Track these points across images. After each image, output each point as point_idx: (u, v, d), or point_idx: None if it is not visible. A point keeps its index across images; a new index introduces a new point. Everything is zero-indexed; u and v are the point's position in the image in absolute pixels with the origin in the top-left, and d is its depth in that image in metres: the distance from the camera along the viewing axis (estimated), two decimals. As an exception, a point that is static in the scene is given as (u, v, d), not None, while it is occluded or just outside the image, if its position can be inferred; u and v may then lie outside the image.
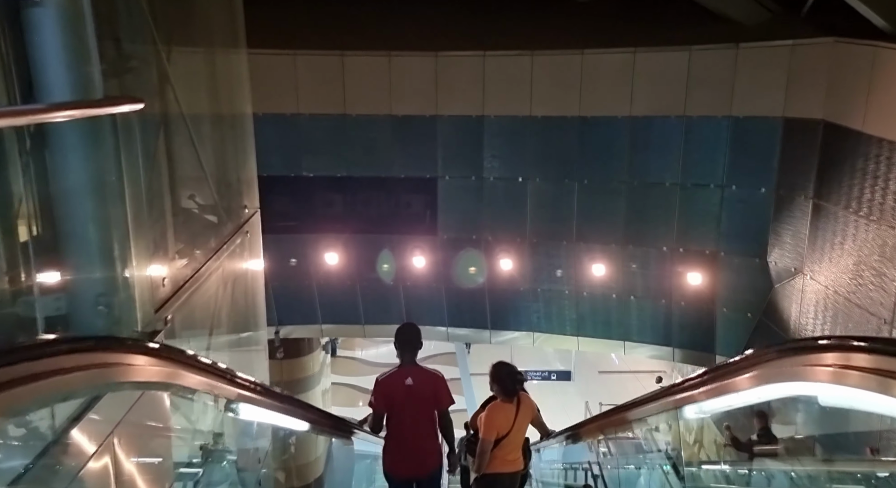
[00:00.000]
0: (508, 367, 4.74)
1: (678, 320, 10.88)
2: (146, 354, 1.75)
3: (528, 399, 4.86)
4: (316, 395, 13.80)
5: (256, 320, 5.17)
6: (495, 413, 4.65)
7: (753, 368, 2.27)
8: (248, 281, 4.81)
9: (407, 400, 4.33)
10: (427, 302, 12.16)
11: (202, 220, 3.78)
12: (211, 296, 3.94)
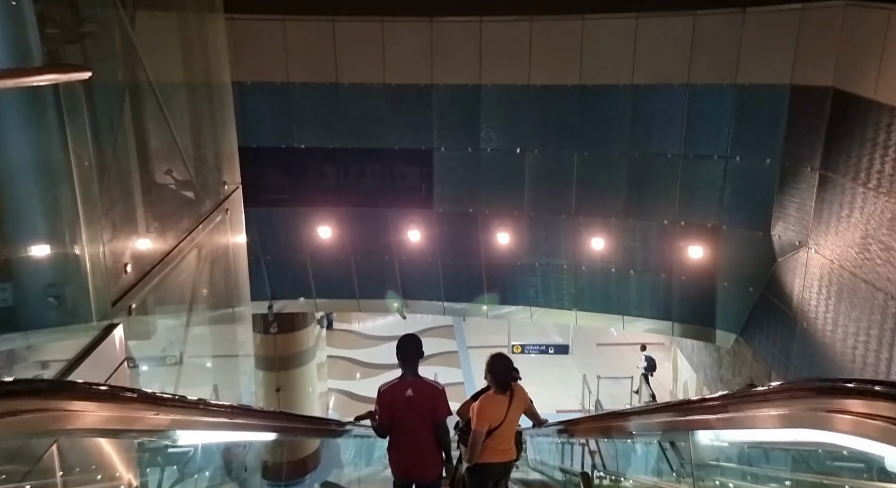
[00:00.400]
0: (505, 361, 4.73)
1: (678, 294, 10.71)
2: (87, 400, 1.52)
3: (521, 390, 4.85)
4: (311, 370, 13.70)
5: (240, 297, 4.97)
6: (488, 405, 4.67)
7: (787, 404, 1.95)
8: (230, 259, 4.58)
9: (407, 410, 4.47)
10: (423, 276, 11.96)
11: (176, 198, 3.53)
12: (188, 276, 3.71)
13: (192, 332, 4.01)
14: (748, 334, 10.24)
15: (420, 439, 4.58)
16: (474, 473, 4.90)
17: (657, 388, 16.40)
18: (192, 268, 3.75)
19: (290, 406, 13.28)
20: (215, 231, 3.99)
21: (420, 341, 4.70)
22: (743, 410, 2.27)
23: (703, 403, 2.79)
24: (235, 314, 5.03)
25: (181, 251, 3.21)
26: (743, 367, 10.49)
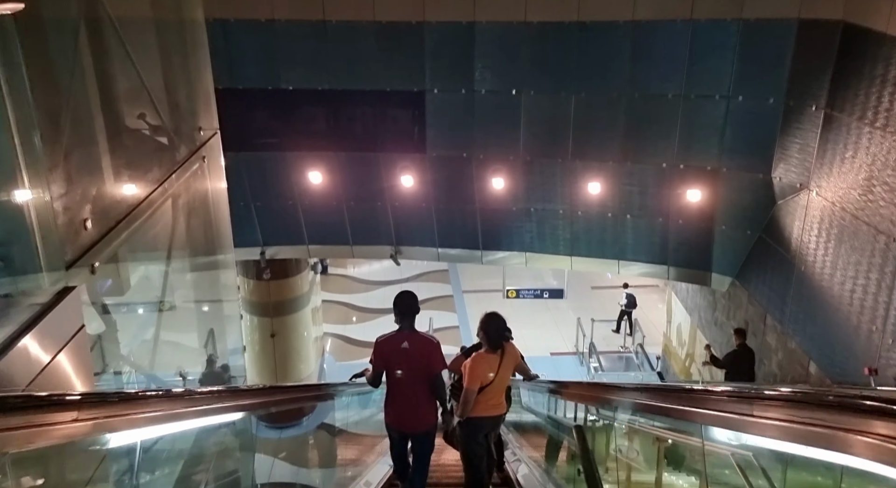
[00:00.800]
0: (498, 321, 4.77)
1: (675, 238, 10.58)
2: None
3: (512, 348, 4.90)
4: (306, 315, 13.69)
5: (222, 245, 4.80)
6: (479, 363, 4.71)
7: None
8: (209, 208, 4.38)
9: (402, 362, 4.57)
10: (417, 222, 11.79)
11: (146, 146, 3.29)
12: (163, 227, 3.52)
13: (172, 283, 3.86)
14: (744, 277, 10.18)
15: (415, 391, 4.66)
16: (466, 427, 5.01)
17: (650, 331, 16.52)
18: (168, 220, 3.55)
19: (285, 351, 13.33)
20: (192, 180, 3.77)
21: (415, 297, 4.76)
22: (760, 413, 1.94)
23: (710, 396, 2.40)
24: (218, 261, 4.86)
25: (153, 202, 3.01)
26: (738, 310, 10.49)
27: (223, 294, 5.04)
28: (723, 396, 2.20)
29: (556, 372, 15.40)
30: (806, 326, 8.25)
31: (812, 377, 8.15)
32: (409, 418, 4.81)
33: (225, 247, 4.97)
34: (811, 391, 1.68)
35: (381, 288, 20.83)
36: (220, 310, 4.93)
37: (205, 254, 4.51)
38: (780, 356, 9.04)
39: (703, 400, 2.37)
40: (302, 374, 13.75)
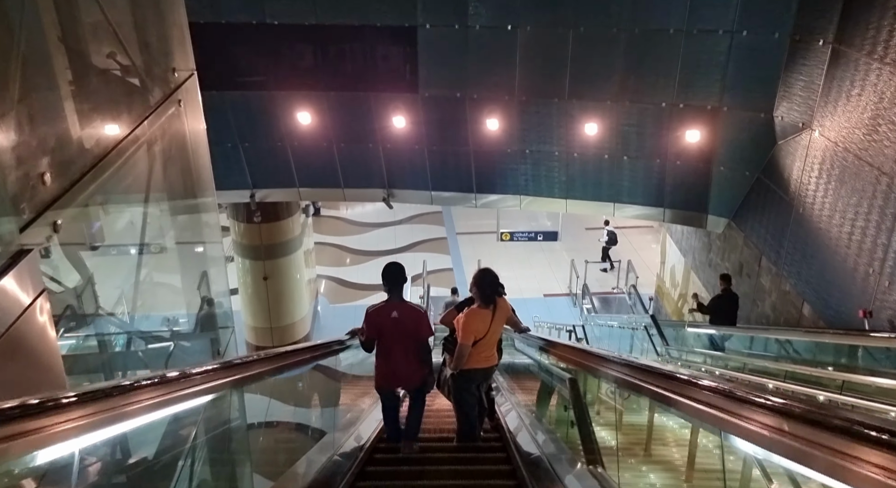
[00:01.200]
0: (491, 277, 4.84)
1: (671, 180, 10.41)
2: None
3: (503, 302, 4.99)
4: (298, 258, 13.60)
5: (203, 189, 4.60)
6: (472, 319, 4.83)
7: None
8: (188, 153, 4.16)
9: (393, 330, 4.87)
10: (409, 164, 11.54)
11: (113, 90, 3.05)
12: (137, 177, 3.33)
13: (151, 231, 3.70)
14: (740, 219, 10.09)
15: (404, 354, 5.00)
16: (459, 378, 5.18)
17: (643, 272, 16.57)
18: (143, 168, 3.36)
19: (278, 294, 13.31)
20: (168, 125, 3.55)
21: (403, 268, 4.99)
22: (742, 414, 1.82)
23: (696, 388, 2.22)
24: (199, 206, 4.68)
25: (123, 151, 2.81)
26: (732, 252, 10.44)
27: (206, 238, 4.87)
28: (706, 391, 2.08)
29: (549, 314, 15.53)
30: (801, 268, 8.21)
31: (805, 319, 8.17)
32: (398, 377, 5.15)
33: (206, 192, 4.77)
34: (801, 408, 1.57)
35: (374, 230, 20.72)
36: (203, 255, 4.77)
37: (184, 202, 4.33)
38: (773, 298, 9.05)
39: (687, 390, 2.27)
40: (295, 317, 13.79)
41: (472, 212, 21.41)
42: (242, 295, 13.70)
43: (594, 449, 3.50)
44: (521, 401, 6.92)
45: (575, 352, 4.30)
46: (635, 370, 2.87)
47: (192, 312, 4.48)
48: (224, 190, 11.76)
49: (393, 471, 4.93)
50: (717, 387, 2.00)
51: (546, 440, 4.86)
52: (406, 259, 18.73)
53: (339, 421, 5.89)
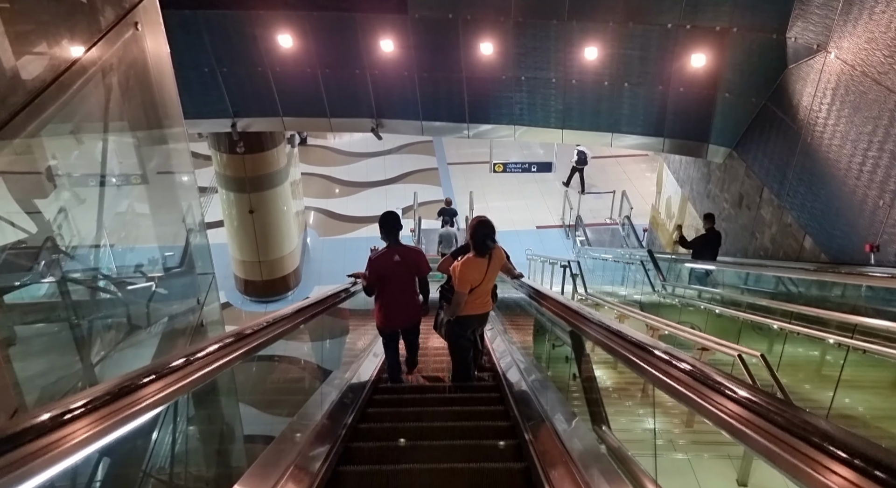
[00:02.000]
0: (486, 229, 4.90)
1: (673, 108, 9.97)
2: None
3: (498, 250, 5.10)
4: (285, 190, 13.16)
5: (169, 116, 4.18)
6: (468, 268, 4.95)
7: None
8: (150, 82, 3.72)
9: (395, 272, 5.24)
10: (398, 92, 10.98)
11: (54, 12, 2.60)
12: (92, 107, 2.92)
13: (111, 164, 3.33)
14: (743, 149, 9.74)
15: (407, 294, 5.43)
16: (455, 324, 5.34)
17: (637, 202, 16.30)
18: (97, 99, 2.95)
19: (265, 227, 12.96)
20: (123, 50, 3.11)
21: (398, 216, 5.31)
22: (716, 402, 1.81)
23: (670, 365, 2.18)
24: (166, 136, 4.27)
25: (70, 81, 2.41)
26: (733, 183, 10.15)
27: (175, 171, 4.47)
28: (685, 374, 2.07)
29: (542, 246, 15.35)
30: (806, 200, 7.95)
31: (806, 252, 7.98)
32: (401, 317, 5.54)
33: (174, 121, 4.34)
34: (777, 409, 1.56)
35: (363, 159, 20.19)
36: (171, 187, 4.38)
37: (147, 132, 3.91)
38: (773, 230, 8.84)
39: (665, 368, 2.22)
40: (284, 250, 13.51)
41: (465, 142, 20.84)
42: (228, 228, 13.35)
43: (601, 412, 3.30)
44: (515, 340, 6.80)
45: (565, 311, 4.02)
46: (623, 342, 2.64)
47: (160, 254, 4.15)
48: (203, 118, 11.21)
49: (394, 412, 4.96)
50: (694, 372, 2.01)
51: (538, 379, 4.86)
52: (396, 190, 18.43)
53: (343, 357, 6.01)
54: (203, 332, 4.33)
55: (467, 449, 3.84)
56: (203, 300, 4.36)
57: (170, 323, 3.87)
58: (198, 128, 11.66)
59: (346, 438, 3.95)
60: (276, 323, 3.33)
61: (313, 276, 14.69)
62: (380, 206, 17.38)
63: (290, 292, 13.98)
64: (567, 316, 3.66)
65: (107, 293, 3.32)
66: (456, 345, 5.50)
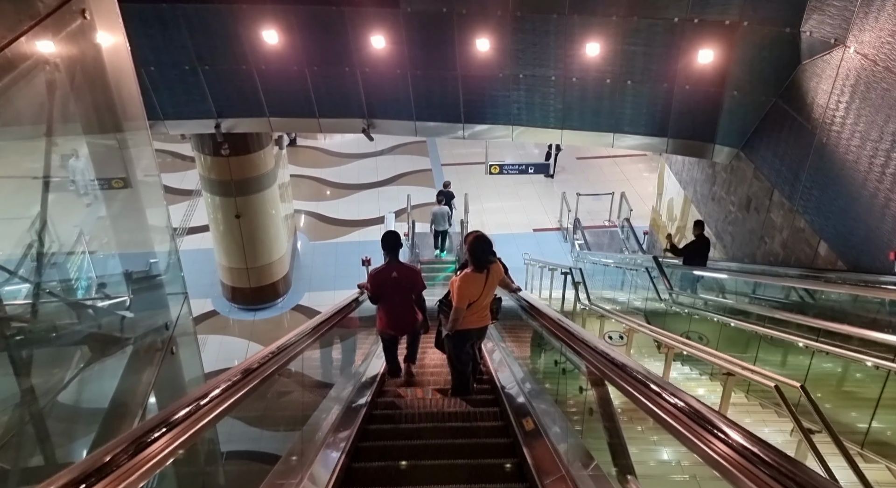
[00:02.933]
0: (483, 244, 4.97)
1: (678, 107, 9.53)
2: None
3: (496, 265, 5.16)
4: (273, 193, 12.64)
5: (128, 116, 3.69)
6: (467, 284, 5.03)
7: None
8: (104, 79, 3.23)
9: (393, 287, 5.78)
10: (391, 91, 10.49)
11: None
12: (31, 103, 2.44)
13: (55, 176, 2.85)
14: (751, 149, 9.32)
15: (403, 306, 5.97)
16: (454, 338, 5.43)
17: (637, 204, 15.89)
18: (36, 95, 2.47)
19: (252, 232, 12.45)
20: (69, 41, 2.63)
21: (398, 235, 5.82)
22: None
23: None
24: (126, 140, 3.77)
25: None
26: (740, 185, 9.73)
27: (137, 177, 3.96)
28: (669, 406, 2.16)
29: (539, 249, 14.90)
30: (821, 204, 7.53)
31: (821, 258, 7.56)
32: (399, 324, 6.09)
33: (134, 121, 3.84)
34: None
35: (354, 161, 19.68)
36: (132, 196, 3.87)
37: (102, 136, 3.43)
38: (784, 235, 8.42)
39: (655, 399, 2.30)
40: (273, 256, 13.00)
41: (459, 143, 20.37)
42: (214, 233, 12.83)
43: (628, 464, 2.88)
44: (513, 352, 6.44)
45: (555, 325, 3.81)
46: (668, 408, 2.28)
47: (119, 272, 3.65)
48: (185, 119, 10.69)
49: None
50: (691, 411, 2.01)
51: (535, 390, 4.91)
52: (389, 193, 17.93)
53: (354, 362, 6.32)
54: (174, 361, 3.84)
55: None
56: (173, 323, 3.87)
57: (126, 350, 3.39)
58: (180, 129, 11.14)
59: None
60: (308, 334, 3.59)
61: (304, 282, 14.19)
62: (372, 209, 16.93)
63: (279, 299, 13.47)
64: (594, 361, 3.20)
65: (39, 317, 2.83)
66: (455, 360, 5.62)
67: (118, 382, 3.43)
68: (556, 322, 3.80)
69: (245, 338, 12.33)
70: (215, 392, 2.21)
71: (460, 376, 5.71)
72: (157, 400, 3.53)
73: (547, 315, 4.20)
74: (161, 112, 10.48)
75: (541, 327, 4.52)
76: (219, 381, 2.30)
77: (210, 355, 11.75)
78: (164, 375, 3.68)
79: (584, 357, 3.34)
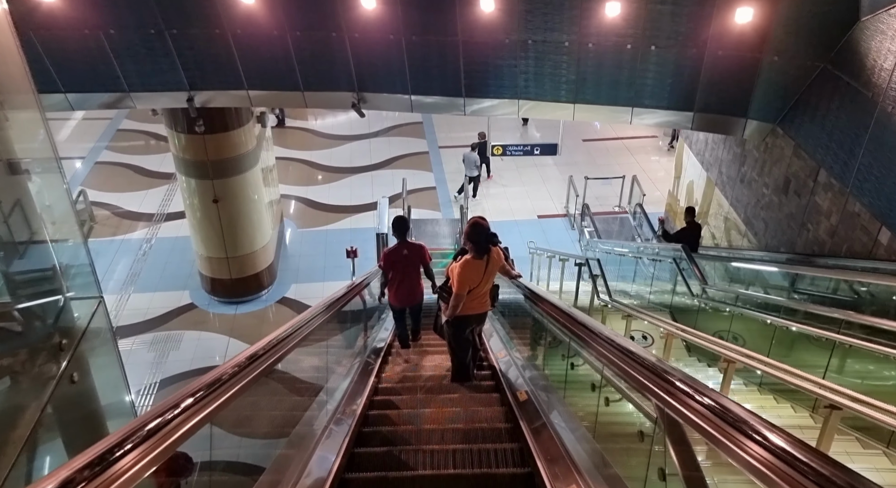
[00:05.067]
0: (483, 230, 4.99)
1: (708, 76, 8.44)
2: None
3: (496, 252, 5.18)
4: (255, 176, 11.50)
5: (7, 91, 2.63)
6: (467, 270, 5.05)
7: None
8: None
9: (404, 263, 6.67)
10: (383, 61, 9.37)
11: None
12: None
13: None
14: (791, 123, 8.25)
15: (412, 279, 6.80)
16: (454, 324, 5.44)
17: (649, 188, 14.82)
18: None
19: (232, 218, 11.35)
20: None
21: (407, 219, 6.83)
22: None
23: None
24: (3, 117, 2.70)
25: None
26: (776, 165, 8.66)
27: (21, 158, 2.90)
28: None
29: (545, 238, 13.85)
30: (883, 184, 6.47)
31: (881, 248, 6.52)
32: (409, 297, 6.95)
33: (17, 90, 2.79)
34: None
35: (347, 143, 18.54)
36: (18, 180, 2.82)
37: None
38: (833, 221, 7.37)
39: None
40: (256, 244, 11.91)
41: (457, 123, 19.24)
42: (190, 220, 11.73)
43: None
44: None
45: (559, 312, 3.78)
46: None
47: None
48: (152, 91, 9.55)
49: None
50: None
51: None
52: (383, 176, 16.80)
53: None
54: (75, 392, 2.77)
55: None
56: (75, 339, 2.82)
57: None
58: (148, 102, 9.99)
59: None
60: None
61: (290, 273, 13.11)
62: (365, 194, 15.82)
63: (263, 292, 12.40)
64: (659, 391, 2.17)
65: None
66: (455, 346, 5.64)
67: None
68: (637, 359, 2.74)
69: (225, 333, 11.27)
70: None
71: (461, 363, 5.74)
72: (45, 452, 2.47)
73: (555, 305, 3.86)
74: (126, 83, 9.35)
75: (569, 336, 3.55)
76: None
77: (186, 353, 10.70)
78: (58, 412, 2.61)
79: (644, 387, 2.35)
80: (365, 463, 3.86)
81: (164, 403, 1.82)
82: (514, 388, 5.10)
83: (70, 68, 9.20)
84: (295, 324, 3.26)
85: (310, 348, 3.79)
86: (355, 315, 5.95)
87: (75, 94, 9.46)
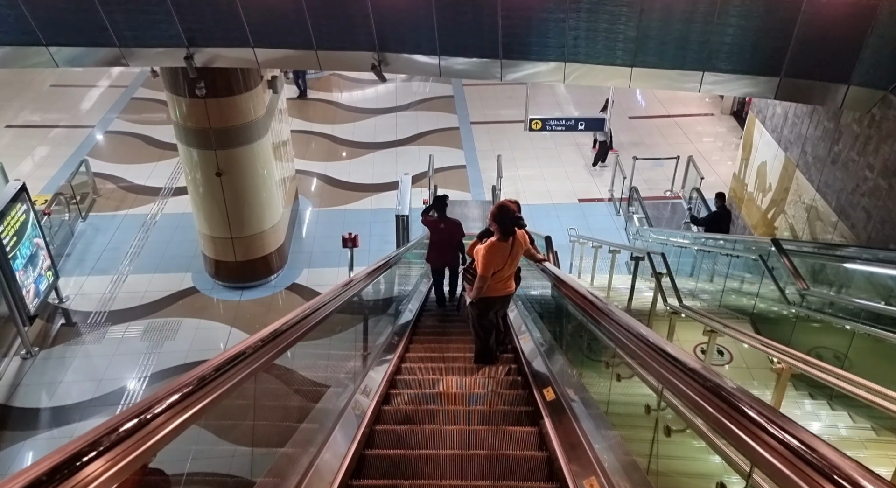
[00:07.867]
0: (509, 212, 4.93)
1: (802, 33, 6.91)
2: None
3: (521, 234, 5.14)
4: (263, 148, 10.24)
5: None
6: (493, 252, 5.01)
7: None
8: None
9: (441, 233, 8.16)
10: (408, 16, 8.04)
11: None
12: None
13: None
14: (906, 93, 6.70)
15: (445, 245, 8.21)
16: (478, 306, 5.40)
17: (707, 170, 13.23)
18: None
19: (237, 194, 10.16)
20: None
21: (446, 198, 8.38)
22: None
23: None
24: None
25: None
26: (884, 142, 7.12)
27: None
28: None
29: (587, 225, 12.41)
30: None
31: None
32: (440, 261, 8.44)
33: None
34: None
35: (372, 117, 17.25)
36: None
37: None
38: (964, 214, 5.84)
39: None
40: (264, 224, 10.73)
41: (490, 96, 17.80)
42: (193, 196, 10.58)
43: None
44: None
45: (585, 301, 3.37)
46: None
47: None
48: (146, 47, 8.37)
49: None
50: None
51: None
52: (409, 153, 15.46)
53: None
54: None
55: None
56: None
57: None
58: (142, 60, 8.78)
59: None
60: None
61: (303, 257, 11.94)
62: (388, 172, 14.54)
63: (272, 277, 11.26)
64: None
65: None
66: (478, 327, 5.59)
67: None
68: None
69: (227, 322, 10.17)
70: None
71: (484, 345, 5.71)
72: None
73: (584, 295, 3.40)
74: (115, 37, 8.18)
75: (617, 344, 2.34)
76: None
77: (182, 343, 9.62)
78: None
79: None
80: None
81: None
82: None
83: (50, 18, 8.05)
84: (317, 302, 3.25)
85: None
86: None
87: (57, 47, 8.33)
